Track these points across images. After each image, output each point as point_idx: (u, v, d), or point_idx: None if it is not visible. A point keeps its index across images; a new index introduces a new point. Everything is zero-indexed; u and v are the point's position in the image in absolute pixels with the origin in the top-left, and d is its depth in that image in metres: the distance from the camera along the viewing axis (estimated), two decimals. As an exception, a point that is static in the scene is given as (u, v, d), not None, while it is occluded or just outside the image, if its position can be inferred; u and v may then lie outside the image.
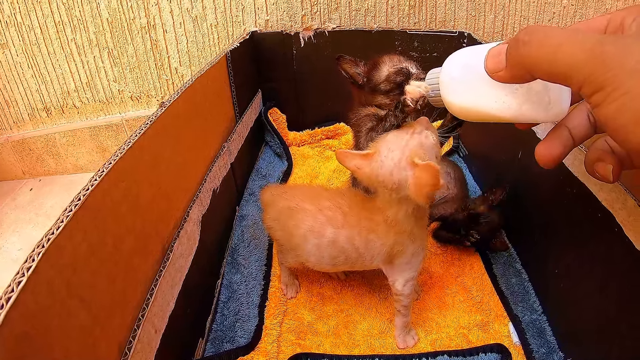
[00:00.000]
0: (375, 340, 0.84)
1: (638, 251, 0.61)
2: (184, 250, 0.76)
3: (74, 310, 0.47)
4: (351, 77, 0.87)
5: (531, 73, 0.41)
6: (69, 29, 1.45)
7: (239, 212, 1.15)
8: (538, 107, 0.50)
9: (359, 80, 0.86)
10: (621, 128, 0.34)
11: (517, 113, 0.51)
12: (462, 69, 0.54)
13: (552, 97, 0.50)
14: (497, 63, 0.45)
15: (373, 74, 0.84)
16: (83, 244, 0.48)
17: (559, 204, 0.84)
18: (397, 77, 0.81)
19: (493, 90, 0.51)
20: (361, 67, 0.86)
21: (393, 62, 0.83)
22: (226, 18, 1.45)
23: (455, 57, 0.56)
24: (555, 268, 0.85)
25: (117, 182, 0.56)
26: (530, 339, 0.82)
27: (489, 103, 0.52)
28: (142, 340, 0.59)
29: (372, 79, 0.84)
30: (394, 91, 0.81)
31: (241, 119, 1.22)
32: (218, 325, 0.86)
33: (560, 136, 0.49)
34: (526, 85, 0.49)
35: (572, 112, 0.51)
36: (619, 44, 0.34)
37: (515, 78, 0.44)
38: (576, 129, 0.49)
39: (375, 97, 0.84)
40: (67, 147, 1.65)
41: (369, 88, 0.84)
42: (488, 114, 0.53)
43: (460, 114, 0.57)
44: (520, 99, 0.50)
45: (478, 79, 0.51)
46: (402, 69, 0.81)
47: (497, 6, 1.45)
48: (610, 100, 0.34)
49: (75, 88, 1.56)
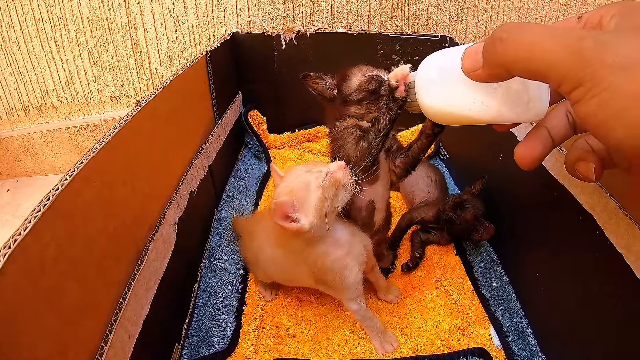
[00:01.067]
0: (354, 345, 0.84)
1: (619, 253, 0.61)
2: (159, 253, 0.74)
3: (42, 314, 0.45)
4: (320, 92, 0.84)
5: (509, 71, 0.40)
6: (49, 26, 1.43)
7: (217, 215, 1.14)
8: (517, 106, 0.50)
9: (329, 94, 0.84)
10: (602, 124, 0.34)
11: (496, 114, 0.50)
12: (438, 71, 0.53)
13: (532, 96, 0.49)
14: (474, 62, 0.44)
15: (343, 85, 0.81)
16: (52, 245, 0.47)
17: (539, 206, 0.84)
18: (369, 85, 0.78)
19: (471, 91, 0.50)
20: (329, 81, 0.84)
21: (363, 72, 0.81)
22: (207, 18, 1.44)
23: (431, 60, 0.55)
24: (536, 271, 0.85)
25: (89, 182, 0.54)
26: (511, 342, 0.82)
27: (467, 105, 0.51)
28: (114, 346, 0.57)
29: (343, 90, 0.81)
30: (367, 99, 0.79)
31: (220, 121, 1.20)
32: (194, 330, 0.84)
33: (540, 136, 0.49)
34: (505, 84, 0.48)
35: (550, 112, 0.50)
36: (598, 40, 0.33)
37: (493, 76, 0.43)
38: (555, 129, 0.49)
39: (349, 108, 0.81)
40: (45, 148, 1.61)
41: (341, 100, 0.82)
42: (466, 117, 0.52)
43: (437, 117, 0.56)
44: (499, 99, 0.49)
45: (455, 80, 0.50)
46: (374, 76, 0.79)
47: (479, 11, 1.46)
48: (590, 96, 0.33)
49: (54, 87, 1.53)
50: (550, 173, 0.78)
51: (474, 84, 0.48)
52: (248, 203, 1.20)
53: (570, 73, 0.34)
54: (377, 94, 0.76)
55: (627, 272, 0.59)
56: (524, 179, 0.89)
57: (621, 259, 0.61)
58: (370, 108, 0.79)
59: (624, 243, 0.61)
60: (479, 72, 0.44)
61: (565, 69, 0.34)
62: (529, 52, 0.36)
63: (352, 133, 0.79)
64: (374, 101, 0.77)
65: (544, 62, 0.36)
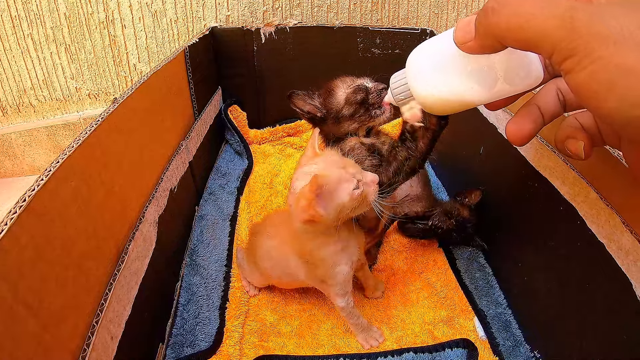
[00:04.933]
0: (339, 339, 0.83)
1: (601, 243, 0.62)
2: (140, 253, 0.73)
3: (21, 317, 0.44)
4: (308, 113, 0.81)
5: (501, 42, 0.40)
6: (26, 23, 1.40)
7: (198, 212, 1.13)
8: (515, 77, 0.49)
9: (319, 113, 0.81)
10: (593, 95, 0.34)
11: (495, 90, 0.50)
12: (429, 59, 0.53)
13: (525, 63, 0.49)
14: (466, 33, 0.44)
15: (330, 101, 0.79)
16: (29, 247, 0.46)
17: (521, 198, 0.85)
18: (356, 96, 0.77)
19: (465, 72, 0.50)
20: (316, 99, 0.81)
21: (347, 83, 0.79)
22: (186, 13, 1.42)
23: (418, 50, 0.55)
24: (518, 261, 0.86)
25: (66, 181, 0.53)
26: (495, 333, 0.83)
27: (467, 85, 0.50)
28: (97, 348, 0.57)
29: (332, 107, 0.79)
30: (359, 112, 0.77)
31: (200, 117, 1.19)
32: (178, 329, 0.83)
33: (530, 113, 0.49)
34: (497, 58, 0.48)
35: (541, 90, 0.51)
36: (590, 11, 0.34)
37: (485, 48, 0.43)
38: (545, 106, 0.49)
39: (342, 125, 0.79)
40: (23, 148, 1.58)
41: (332, 118, 0.80)
42: (466, 99, 0.52)
43: (435, 106, 0.55)
44: (496, 73, 0.49)
45: (446, 64, 0.51)
46: (359, 86, 0.78)
47: (459, 4, 1.47)
48: (582, 67, 0.34)
49: (31, 86, 1.51)
50: (532, 164, 0.78)
51: (469, 63, 0.48)
52: (229, 199, 1.19)
53: (561, 43, 0.34)
54: (367, 104, 0.76)
55: (609, 261, 0.60)
56: (506, 170, 0.89)
57: (602, 248, 0.61)
58: (363, 120, 0.78)
59: (605, 233, 0.61)
60: (470, 43, 0.44)
61: (557, 39, 0.35)
62: (521, 22, 0.37)
63: (362, 155, 0.77)
64: (365, 112, 0.77)
65: (535, 33, 0.36)
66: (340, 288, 0.77)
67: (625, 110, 0.33)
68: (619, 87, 0.33)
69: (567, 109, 0.50)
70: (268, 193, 1.24)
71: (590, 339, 0.65)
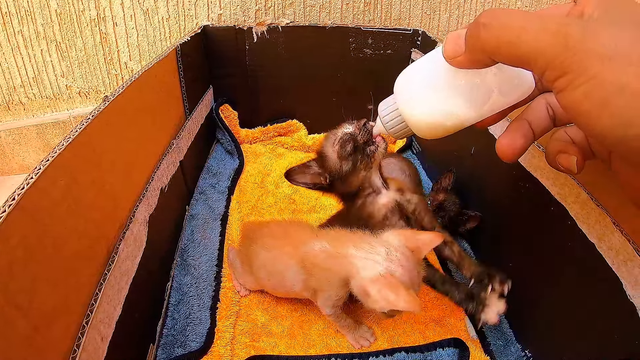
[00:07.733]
0: (331, 339, 0.83)
1: (591, 243, 0.62)
2: (130, 252, 0.73)
3: (11, 319, 0.44)
4: (314, 184, 0.82)
5: (492, 57, 0.39)
6: (16, 20, 1.39)
7: (189, 212, 1.12)
8: (509, 89, 0.49)
9: (324, 181, 0.81)
10: (586, 113, 0.34)
11: (488, 106, 0.49)
12: (419, 78, 0.52)
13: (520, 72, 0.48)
14: (456, 47, 0.43)
15: (327, 165, 0.79)
16: (19, 247, 0.45)
17: (512, 198, 0.85)
18: (346, 149, 0.76)
19: (459, 85, 0.49)
20: (314, 168, 0.81)
21: (330, 140, 0.79)
22: (178, 11, 1.42)
23: (407, 72, 0.53)
24: (509, 261, 0.86)
25: (56, 180, 0.53)
26: (487, 332, 0.84)
27: (460, 102, 0.49)
28: (87, 349, 0.56)
29: (331, 169, 0.79)
30: (357, 160, 0.77)
31: (191, 116, 1.18)
32: (169, 330, 0.83)
33: (521, 128, 0.49)
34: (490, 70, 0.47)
35: (531, 104, 0.50)
36: (583, 28, 0.33)
37: (475, 62, 0.42)
38: (536, 121, 0.49)
39: (350, 181, 0.79)
40: (13, 146, 1.57)
41: (338, 180, 0.80)
42: (460, 116, 0.50)
43: (429, 127, 0.53)
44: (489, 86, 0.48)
45: (440, 79, 0.49)
46: (342, 138, 0.77)
47: (452, 5, 1.47)
48: (575, 85, 0.33)
49: (21, 83, 1.49)
50: (522, 165, 0.78)
51: (461, 80, 0.47)
52: (220, 199, 1.19)
53: (554, 61, 0.34)
54: (359, 148, 0.76)
55: (600, 261, 0.60)
56: (496, 171, 0.89)
57: (593, 248, 0.62)
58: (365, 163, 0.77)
59: (596, 233, 0.62)
60: (460, 58, 0.43)
61: (550, 57, 0.34)
62: (513, 38, 0.36)
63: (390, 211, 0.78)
64: (362, 155, 0.77)
65: (527, 49, 0.35)
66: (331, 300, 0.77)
67: (619, 129, 0.33)
68: (612, 106, 0.32)
69: (557, 123, 0.49)
70: (259, 193, 1.24)
71: (581, 339, 0.66)
